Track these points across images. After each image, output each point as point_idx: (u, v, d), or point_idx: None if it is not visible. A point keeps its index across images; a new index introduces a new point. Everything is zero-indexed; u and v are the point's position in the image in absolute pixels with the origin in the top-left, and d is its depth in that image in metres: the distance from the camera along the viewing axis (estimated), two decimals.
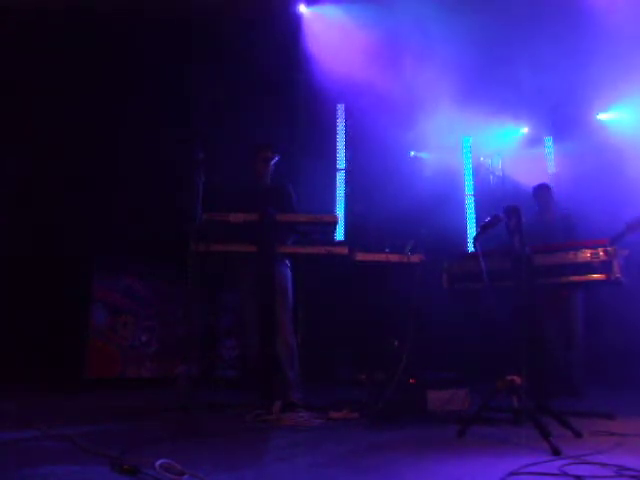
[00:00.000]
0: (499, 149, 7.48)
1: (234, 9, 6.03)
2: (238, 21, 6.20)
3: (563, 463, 2.03)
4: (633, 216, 3.53)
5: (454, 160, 7.31)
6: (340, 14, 6.40)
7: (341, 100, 7.11)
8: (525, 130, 7.34)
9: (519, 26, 5.85)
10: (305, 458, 2.20)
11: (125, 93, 5.80)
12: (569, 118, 6.68)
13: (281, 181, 4.16)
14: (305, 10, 6.68)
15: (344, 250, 3.63)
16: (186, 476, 1.76)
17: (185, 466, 1.81)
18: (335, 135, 7.12)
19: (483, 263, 2.99)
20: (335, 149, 7.07)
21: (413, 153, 7.39)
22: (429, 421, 3.25)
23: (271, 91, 6.40)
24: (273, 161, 4.09)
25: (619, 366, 5.35)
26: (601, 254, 3.35)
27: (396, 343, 3.71)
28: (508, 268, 3.28)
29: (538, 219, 4.74)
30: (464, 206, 7.22)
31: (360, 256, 3.73)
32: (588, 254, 3.40)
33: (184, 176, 3.63)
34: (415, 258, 3.75)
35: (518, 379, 2.69)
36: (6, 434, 2.52)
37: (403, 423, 3.11)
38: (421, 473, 2.00)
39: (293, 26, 6.58)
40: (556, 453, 2.22)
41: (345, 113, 7.15)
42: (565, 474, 1.89)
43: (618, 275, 3.29)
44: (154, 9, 5.64)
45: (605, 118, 6.86)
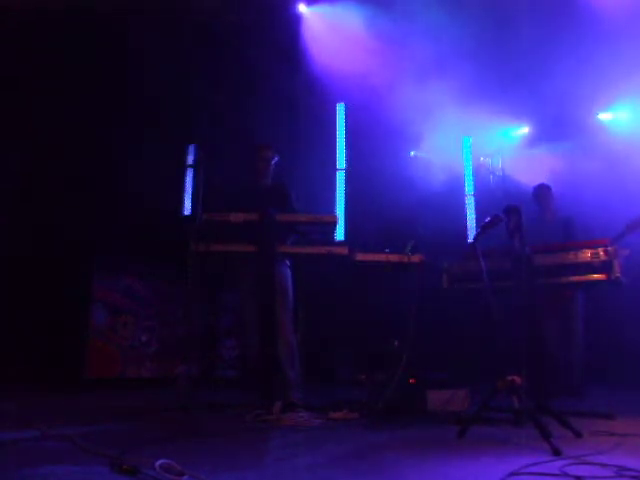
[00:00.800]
0: (499, 149, 7.48)
1: (234, 9, 6.03)
2: (238, 21, 6.20)
3: (563, 463, 2.03)
4: (633, 216, 3.54)
5: (454, 160, 7.31)
6: (340, 14, 6.39)
7: (341, 100, 7.12)
8: (525, 130, 7.35)
9: (519, 26, 5.84)
10: (305, 458, 2.20)
11: (125, 93, 5.80)
12: (569, 118, 6.68)
13: (281, 181, 4.16)
14: (305, 10, 6.67)
15: (344, 250, 3.63)
16: (186, 476, 1.76)
17: (185, 466, 1.81)
18: (335, 135, 7.12)
19: (483, 263, 2.99)
20: (335, 149, 7.07)
21: (413, 153, 7.40)
22: (429, 421, 3.24)
23: (271, 91, 6.40)
24: (273, 161, 4.08)
25: (619, 366, 5.35)
26: (601, 254, 3.36)
27: (396, 343, 3.71)
28: (508, 268, 3.28)
29: (538, 219, 4.74)
30: (464, 206, 7.22)
31: (360, 256, 3.72)
32: (588, 254, 3.40)
33: (181, 176, 3.63)
34: (415, 258, 3.75)
35: (518, 379, 2.68)
36: (6, 434, 2.51)
37: (403, 423, 3.10)
38: (421, 474, 1.99)
39: (293, 26, 6.58)
40: (556, 453, 2.22)
41: (345, 113, 7.16)
42: (566, 474, 1.89)
43: (618, 275, 3.30)
44: (154, 9, 5.63)
45: (605, 118, 6.86)
